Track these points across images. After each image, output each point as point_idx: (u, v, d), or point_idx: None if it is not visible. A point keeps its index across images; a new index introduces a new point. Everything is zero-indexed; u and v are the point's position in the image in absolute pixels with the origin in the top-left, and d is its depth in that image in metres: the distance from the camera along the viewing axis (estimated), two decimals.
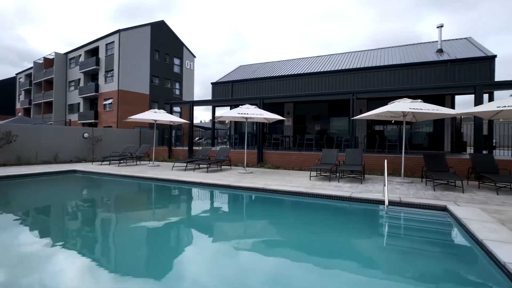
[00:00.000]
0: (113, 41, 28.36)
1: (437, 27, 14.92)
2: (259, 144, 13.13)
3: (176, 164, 12.00)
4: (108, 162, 13.28)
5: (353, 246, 4.38)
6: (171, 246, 4.23)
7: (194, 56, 34.90)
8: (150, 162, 13.44)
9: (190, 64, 34.59)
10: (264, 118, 10.15)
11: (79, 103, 33.28)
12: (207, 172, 10.47)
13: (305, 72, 16.92)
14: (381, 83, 14.55)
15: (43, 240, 4.33)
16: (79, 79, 33.53)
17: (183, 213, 6.28)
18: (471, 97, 10.83)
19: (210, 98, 19.39)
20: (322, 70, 16.36)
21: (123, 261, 3.70)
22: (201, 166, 11.80)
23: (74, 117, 33.39)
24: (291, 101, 16.49)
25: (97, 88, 30.26)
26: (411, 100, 8.34)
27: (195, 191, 8.22)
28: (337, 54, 20.18)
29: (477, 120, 9.56)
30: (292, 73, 17.49)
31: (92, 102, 32.61)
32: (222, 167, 11.92)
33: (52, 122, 32.29)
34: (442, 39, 15.47)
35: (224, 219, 5.85)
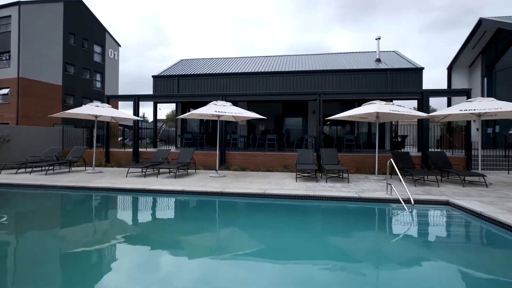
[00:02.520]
0: (10, 15, 22.26)
1: (376, 39, 16.73)
2: (222, 144, 12.16)
3: (130, 169, 10.00)
4: (26, 170, 10.20)
5: (408, 248, 4.19)
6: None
7: (119, 45, 30.45)
8: (89, 168, 10.90)
9: (114, 54, 30.05)
10: (243, 116, 9.33)
11: None
12: (175, 177, 9.02)
13: (260, 71, 16.64)
14: (332, 86, 15.40)
15: None
16: None
17: (191, 235, 5.03)
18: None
19: (131, 93, 17.20)
20: (276, 70, 16.36)
21: None
22: (161, 171, 10.14)
23: None
24: (246, 100, 15.97)
25: None
26: (385, 102, 8.91)
27: (181, 202, 6.82)
28: (286, 55, 20.64)
29: (424, 122, 10.93)
30: (245, 71, 16.99)
31: None
32: (182, 171, 10.51)
33: None
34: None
35: (243, 234, 4.91)
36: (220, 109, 8.86)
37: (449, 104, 21.73)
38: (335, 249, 4.14)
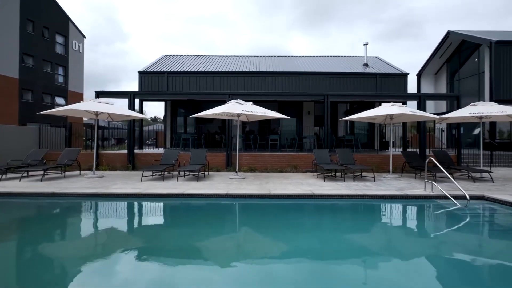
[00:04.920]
0: None
1: (363, 45, 17.66)
2: (229, 146, 11.79)
3: (136, 172, 9.15)
4: (6, 176, 8.76)
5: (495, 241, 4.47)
6: None
7: (84, 37, 27.60)
8: (87, 172, 9.73)
9: (79, 46, 27.13)
10: (268, 116, 9.09)
11: None
12: (197, 180, 8.48)
13: (255, 70, 16.45)
14: (326, 87, 15.80)
15: None
16: None
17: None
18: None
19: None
20: (274, 71, 16.34)
21: None
22: (174, 174, 9.45)
23: None
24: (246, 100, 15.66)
25: None
26: (400, 104, 9.44)
27: (233, 207, 6.30)
28: (278, 56, 20.72)
29: (422, 124, 11.80)
30: (237, 69, 16.66)
31: None
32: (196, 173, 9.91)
33: None
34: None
35: (322, 237, 4.74)
36: (246, 108, 8.57)
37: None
38: (428, 248, 4.25)
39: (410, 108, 9.23)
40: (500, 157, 13.46)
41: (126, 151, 12.46)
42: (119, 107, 9.36)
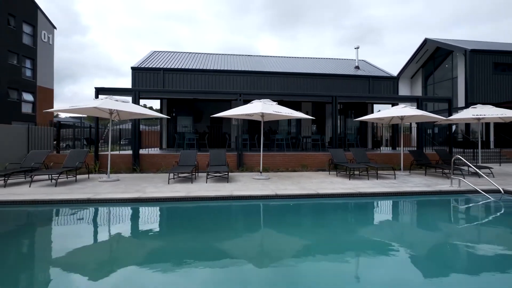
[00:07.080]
0: None
1: (355, 48, 18.48)
2: (239, 146, 11.68)
3: (147, 174, 8.68)
4: (6, 182, 7.82)
5: None
6: None
7: (54, 27, 25.17)
8: (100, 175, 9.00)
9: (49, 37, 24.67)
10: (293, 116, 9.11)
11: None
12: (227, 182, 8.28)
13: (260, 70, 16.40)
14: (323, 88, 16.28)
15: None
16: None
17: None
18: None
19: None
20: (275, 71, 16.42)
21: None
22: (199, 175, 9.14)
23: None
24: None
25: None
26: (410, 106, 10.09)
27: (290, 208, 6.24)
28: (271, 56, 20.80)
29: (420, 124, 12.71)
30: (236, 69, 16.50)
31: None
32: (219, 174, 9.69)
33: None
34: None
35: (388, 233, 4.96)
36: (276, 108, 8.56)
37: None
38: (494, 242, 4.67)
39: (422, 111, 9.91)
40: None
41: (129, 152, 11.80)
42: (135, 105, 8.79)
